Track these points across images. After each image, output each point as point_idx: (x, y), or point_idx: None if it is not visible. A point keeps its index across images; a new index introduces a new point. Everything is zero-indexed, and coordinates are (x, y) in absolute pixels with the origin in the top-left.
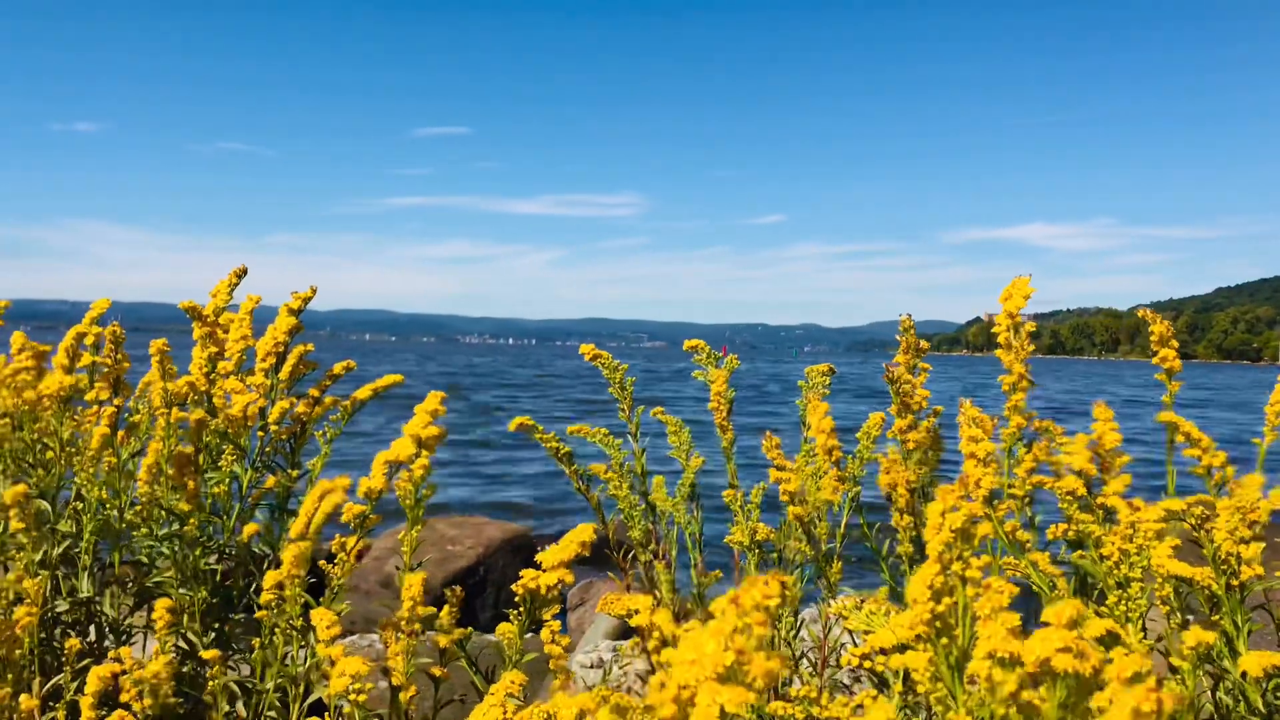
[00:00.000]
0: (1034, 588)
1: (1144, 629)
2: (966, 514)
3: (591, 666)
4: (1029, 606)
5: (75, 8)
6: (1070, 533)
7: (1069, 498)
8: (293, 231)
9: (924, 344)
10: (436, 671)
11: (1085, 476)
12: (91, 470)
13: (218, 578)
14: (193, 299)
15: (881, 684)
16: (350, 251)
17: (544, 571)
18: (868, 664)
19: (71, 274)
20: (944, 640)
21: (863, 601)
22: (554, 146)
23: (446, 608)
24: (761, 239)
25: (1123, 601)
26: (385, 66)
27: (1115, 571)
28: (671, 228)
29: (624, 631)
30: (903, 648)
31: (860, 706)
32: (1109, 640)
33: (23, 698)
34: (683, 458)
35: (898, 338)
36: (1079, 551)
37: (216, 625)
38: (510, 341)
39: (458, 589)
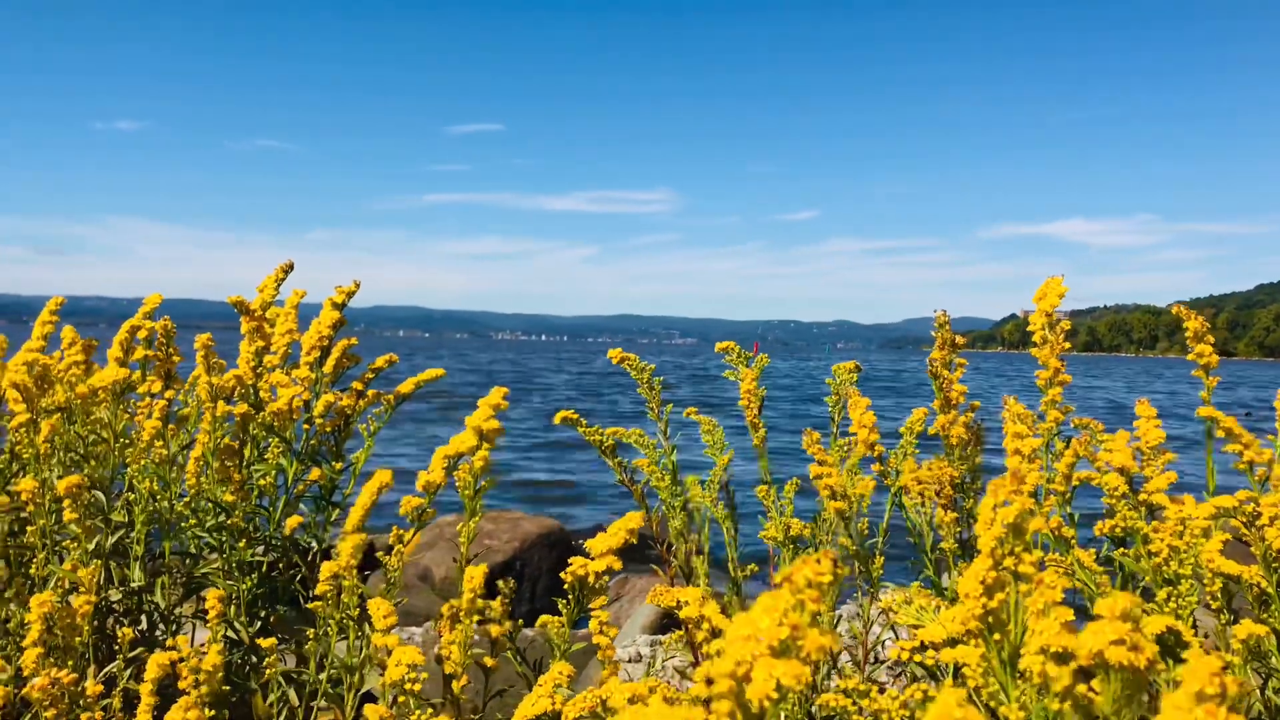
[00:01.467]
0: (1077, 584)
1: (1194, 627)
2: (1019, 508)
3: (629, 660)
4: (1073, 604)
5: (116, 6)
6: (1117, 529)
7: (1115, 494)
8: (331, 228)
9: (959, 339)
10: (489, 662)
11: (1127, 473)
12: (143, 462)
13: (263, 569)
14: (239, 294)
15: (931, 678)
16: (387, 248)
17: (593, 559)
18: (918, 658)
19: (111, 270)
20: (996, 635)
21: (910, 598)
22: (588, 143)
23: (499, 599)
24: (795, 235)
25: (1172, 599)
26: (421, 64)
27: (1165, 569)
28: (704, 224)
29: (661, 626)
30: (953, 642)
31: (910, 700)
32: (1168, 636)
33: (88, 683)
34: (717, 455)
35: (933, 334)
36: (1121, 549)
37: (263, 615)
38: (544, 338)
39: (510, 581)
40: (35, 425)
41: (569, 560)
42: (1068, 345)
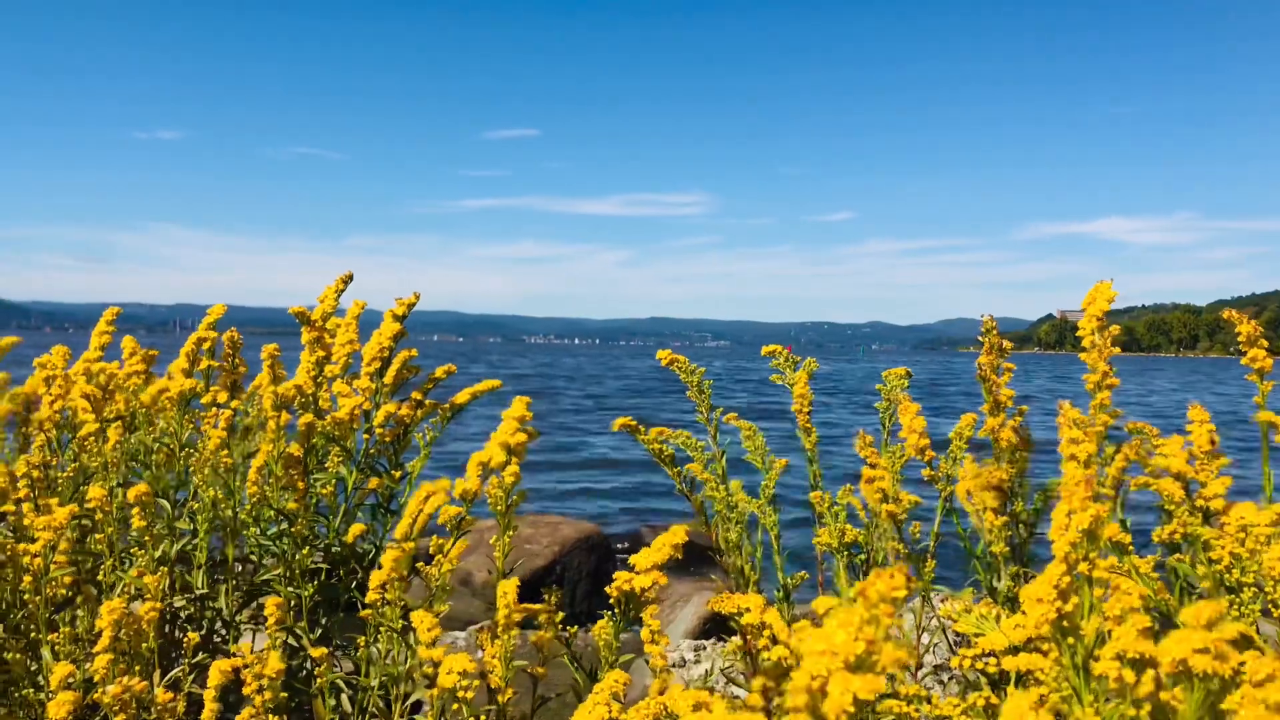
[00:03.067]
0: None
1: (1257, 633)
2: (1093, 515)
3: (673, 666)
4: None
5: (156, 16)
6: (1176, 535)
7: (1172, 500)
8: (368, 234)
9: (1007, 344)
10: (539, 671)
11: (1183, 478)
12: (207, 470)
13: (322, 576)
14: (300, 305)
15: (992, 686)
16: (423, 253)
17: (638, 574)
18: (979, 665)
19: (151, 277)
20: (1070, 639)
21: (969, 606)
22: (623, 147)
23: (543, 607)
24: (830, 236)
25: (1235, 607)
26: (457, 71)
27: (1227, 576)
28: (738, 226)
29: (703, 631)
30: (1014, 649)
31: (972, 707)
32: (1242, 643)
33: (159, 690)
34: (759, 461)
35: (980, 338)
36: (1176, 555)
37: (322, 622)
38: (577, 341)
39: (557, 591)
40: (103, 434)
41: (608, 565)
42: (1116, 349)
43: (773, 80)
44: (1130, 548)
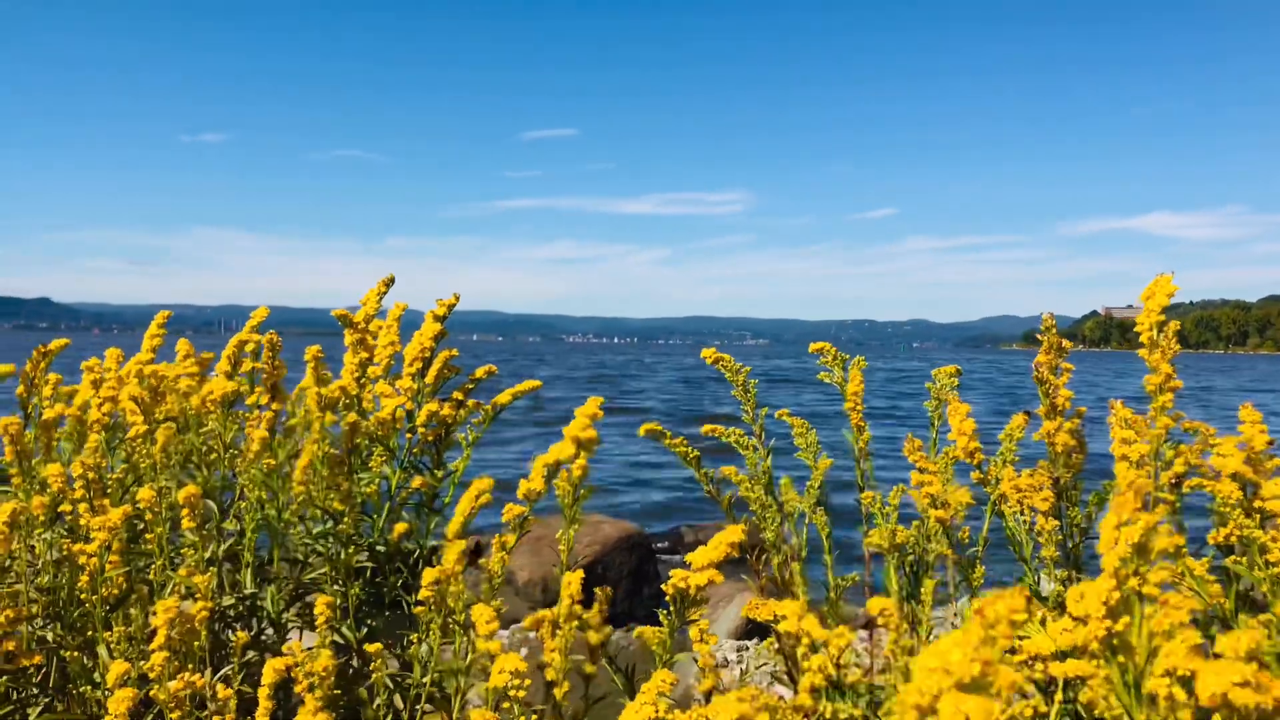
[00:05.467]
0: (1202, 603)
1: None
2: (1144, 527)
3: (716, 665)
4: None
5: (197, 21)
6: (1233, 538)
7: (1229, 502)
8: (408, 235)
9: (1066, 343)
10: (589, 669)
11: (1240, 479)
12: (253, 471)
13: (367, 575)
14: (344, 308)
15: (1040, 692)
16: (462, 254)
17: (693, 572)
18: (1025, 671)
19: (196, 279)
20: (1121, 657)
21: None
22: (661, 146)
23: (596, 606)
24: (871, 233)
25: None
26: (495, 72)
27: None
28: (778, 224)
29: (746, 631)
30: (1062, 655)
31: (1019, 715)
32: None
33: (219, 687)
34: (810, 459)
35: (1039, 337)
36: (1232, 557)
37: (368, 621)
38: (615, 340)
39: (608, 589)
40: (152, 436)
41: (649, 564)
42: (1177, 348)
43: (812, 76)
44: (1184, 550)
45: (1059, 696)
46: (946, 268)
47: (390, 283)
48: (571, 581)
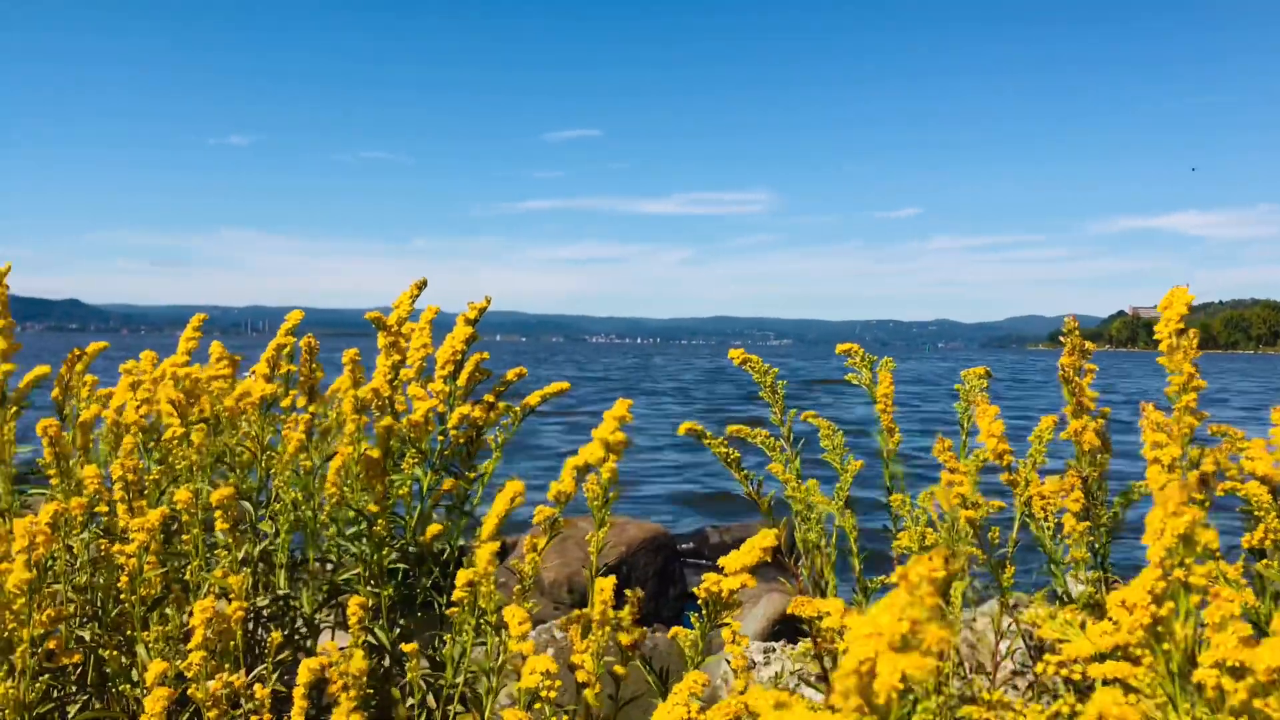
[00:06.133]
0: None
1: None
2: (1189, 520)
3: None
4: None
5: (224, 23)
6: (1266, 541)
7: (1260, 505)
8: (433, 236)
9: (1090, 345)
10: (619, 670)
11: (1270, 482)
12: (288, 473)
13: (399, 576)
14: (376, 310)
15: (1077, 694)
16: (486, 254)
17: (726, 576)
18: (1064, 672)
19: (223, 280)
20: (1166, 645)
21: (1054, 612)
22: (685, 145)
23: (628, 607)
24: (896, 233)
25: None
26: (517, 73)
27: None
28: (802, 224)
29: (773, 633)
30: (1101, 657)
31: (1058, 714)
32: None
33: (256, 686)
34: (837, 462)
35: (1061, 339)
36: (1264, 561)
37: (400, 622)
38: (638, 341)
39: (639, 591)
40: (188, 438)
41: (674, 566)
42: (1197, 351)
43: (837, 75)
44: (1218, 553)
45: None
46: (972, 267)
47: (423, 286)
48: (604, 587)
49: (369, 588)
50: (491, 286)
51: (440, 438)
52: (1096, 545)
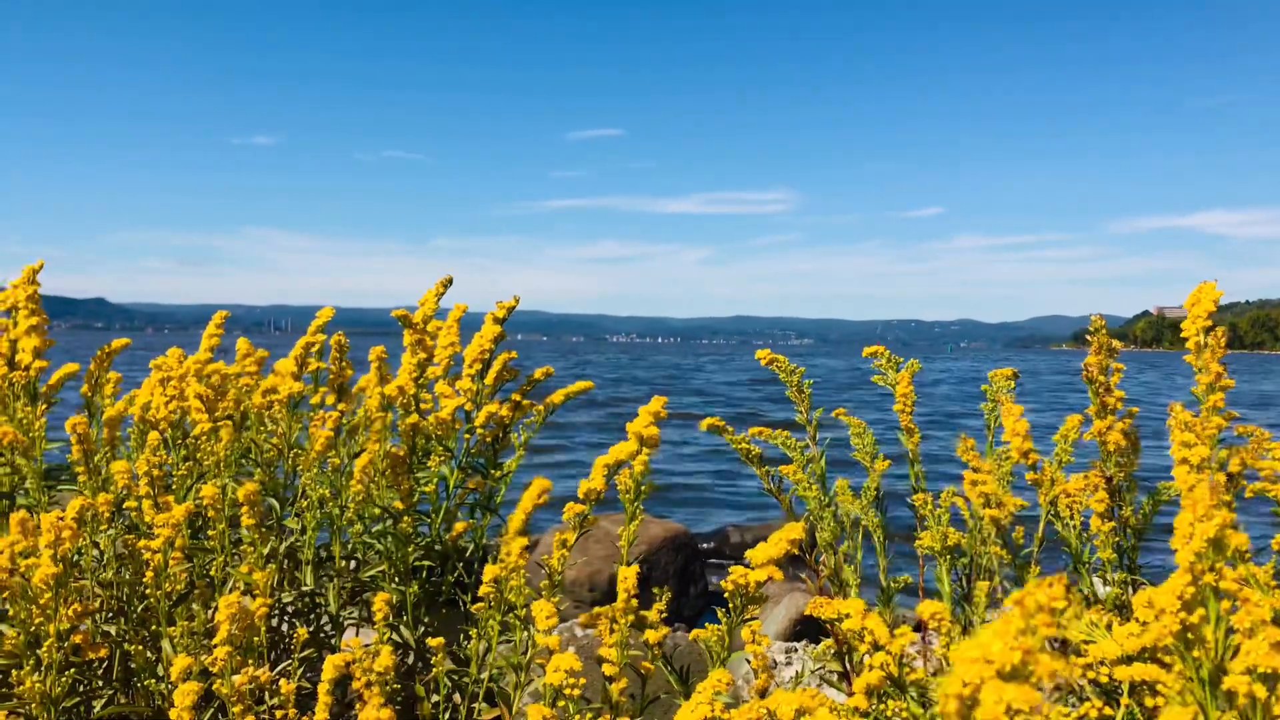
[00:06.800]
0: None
1: None
2: (1219, 523)
3: (767, 666)
4: None
5: (248, 23)
6: None
7: None
8: (454, 236)
9: (1116, 344)
10: (646, 667)
11: None
12: (315, 470)
13: (424, 574)
14: (403, 308)
15: (1105, 696)
16: (508, 254)
17: (754, 568)
18: (1090, 675)
19: (247, 279)
20: (1196, 652)
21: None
22: (706, 144)
23: (655, 605)
24: (918, 232)
25: None
26: (540, 73)
27: None
28: (823, 223)
29: (793, 633)
30: (1128, 659)
31: (1084, 718)
32: None
33: (281, 682)
34: (867, 460)
35: (1088, 338)
36: None
37: (424, 619)
38: (659, 340)
39: (666, 589)
40: (216, 434)
41: (695, 565)
42: (1224, 350)
43: (859, 74)
44: (1248, 555)
45: (1125, 701)
46: (995, 267)
47: (448, 284)
48: (628, 576)
49: (394, 585)
50: (513, 286)
51: (467, 436)
52: (1124, 546)
